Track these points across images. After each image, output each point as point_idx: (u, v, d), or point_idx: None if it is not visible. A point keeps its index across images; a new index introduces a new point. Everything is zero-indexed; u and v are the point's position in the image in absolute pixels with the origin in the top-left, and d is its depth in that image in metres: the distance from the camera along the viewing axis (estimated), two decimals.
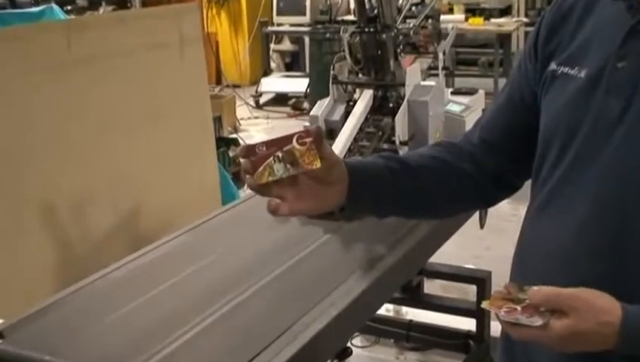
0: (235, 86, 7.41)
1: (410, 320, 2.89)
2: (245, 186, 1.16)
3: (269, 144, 1.12)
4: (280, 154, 1.11)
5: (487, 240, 3.93)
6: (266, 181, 1.12)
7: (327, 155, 1.14)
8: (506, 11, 7.10)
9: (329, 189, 1.17)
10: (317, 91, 5.87)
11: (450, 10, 7.06)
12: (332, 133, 2.24)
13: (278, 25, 7.71)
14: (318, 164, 1.12)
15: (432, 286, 3.14)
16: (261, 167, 1.12)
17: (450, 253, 2.58)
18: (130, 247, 2.09)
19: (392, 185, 1.26)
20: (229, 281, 1.70)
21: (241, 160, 1.16)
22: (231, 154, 4.96)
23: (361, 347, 3.02)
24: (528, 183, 1.30)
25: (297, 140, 1.12)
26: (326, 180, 1.16)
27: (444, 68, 2.44)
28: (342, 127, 2.22)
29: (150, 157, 3.10)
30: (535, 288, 1.01)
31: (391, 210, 1.31)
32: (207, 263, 1.81)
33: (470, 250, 3.84)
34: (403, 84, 2.27)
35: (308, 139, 1.12)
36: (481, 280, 2.68)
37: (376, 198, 1.25)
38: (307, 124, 2.31)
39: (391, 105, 2.31)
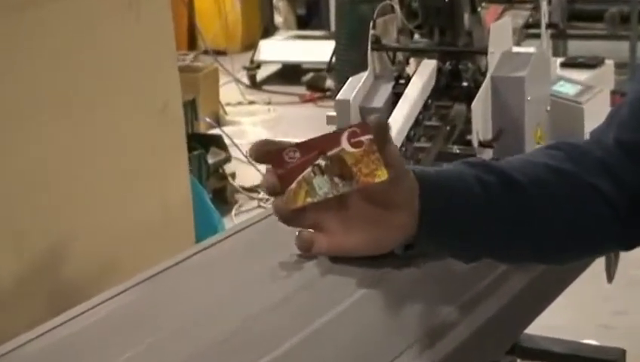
0: (219, 53, 7.47)
1: None
2: (234, 210, 1.17)
3: (304, 147, 1.15)
4: (322, 163, 1.13)
5: (619, 301, 3.93)
6: (302, 204, 1.14)
7: (395, 162, 1.14)
8: None
9: (393, 216, 1.17)
10: (347, 61, 5.90)
11: None
12: None
13: None
14: (384, 176, 1.13)
15: None
16: (294, 183, 1.15)
17: (560, 320, 2.57)
18: (48, 309, 2.08)
19: (488, 209, 1.25)
20: None
21: (265, 173, 1.16)
22: (211, 160, 4.97)
23: None
24: None
25: (349, 139, 1.13)
26: (390, 201, 1.16)
27: (549, 25, 2.43)
28: (387, 118, 2.22)
29: (80, 166, 3.10)
30: None
31: (483, 249, 1.31)
32: (169, 336, 1.79)
33: (591, 317, 3.84)
34: (485, 51, 2.26)
35: (365, 137, 1.13)
36: None
37: (464, 231, 1.24)
38: (332, 113, 2.31)
39: (465, 84, 2.31)
